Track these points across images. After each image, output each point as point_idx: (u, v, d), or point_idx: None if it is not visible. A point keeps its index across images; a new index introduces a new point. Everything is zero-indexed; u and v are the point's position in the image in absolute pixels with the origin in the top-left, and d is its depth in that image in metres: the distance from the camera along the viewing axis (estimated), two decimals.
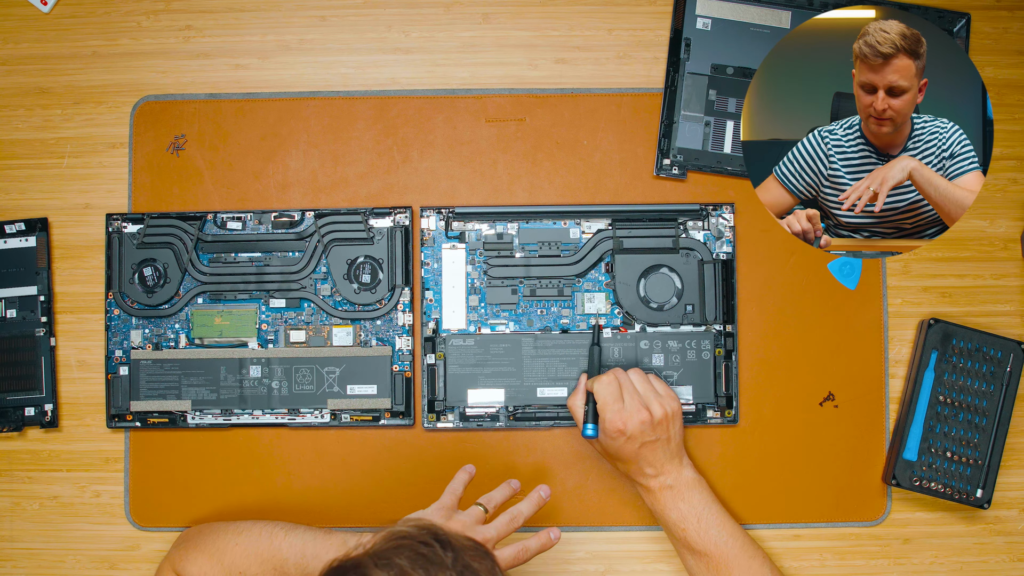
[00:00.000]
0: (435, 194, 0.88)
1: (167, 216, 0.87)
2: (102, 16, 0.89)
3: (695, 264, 0.86)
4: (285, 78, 0.89)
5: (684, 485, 0.80)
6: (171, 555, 0.79)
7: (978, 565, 0.87)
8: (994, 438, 0.83)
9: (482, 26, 0.89)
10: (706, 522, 0.79)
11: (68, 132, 0.89)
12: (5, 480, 0.88)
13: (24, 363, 0.87)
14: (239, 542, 0.77)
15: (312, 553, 0.76)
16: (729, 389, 0.86)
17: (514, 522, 0.76)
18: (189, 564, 0.77)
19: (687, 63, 0.88)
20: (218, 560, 0.77)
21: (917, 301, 0.88)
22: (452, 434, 0.87)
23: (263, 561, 0.76)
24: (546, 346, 0.86)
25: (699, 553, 0.79)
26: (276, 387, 0.86)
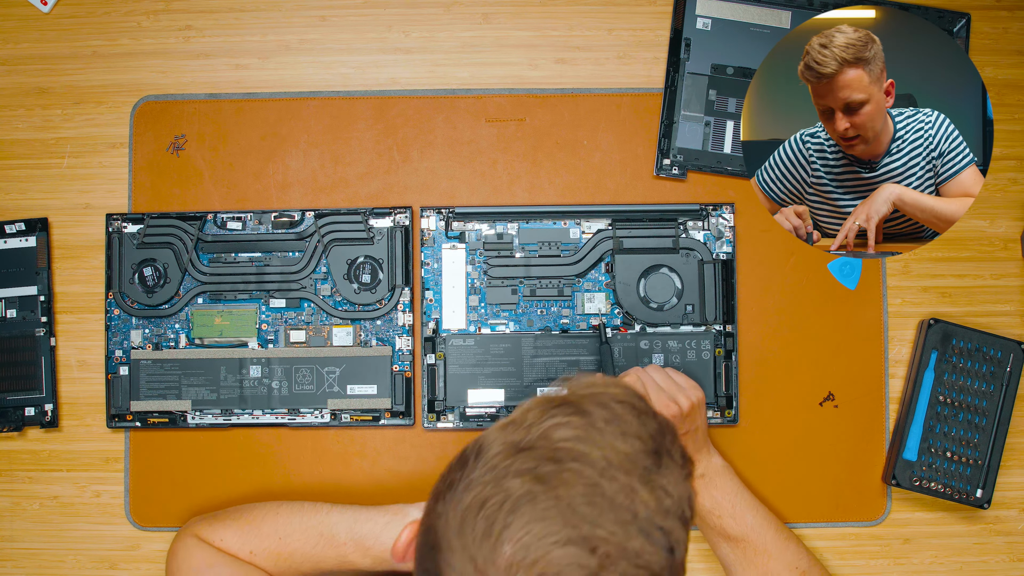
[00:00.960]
0: (435, 194, 0.88)
1: (167, 216, 0.87)
2: (102, 16, 0.89)
3: (695, 264, 0.86)
4: (285, 78, 0.89)
5: (715, 472, 0.80)
6: (192, 526, 0.78)
7: (978, 565, 0.87)
8: (994, 438, 0.83)
9: (482, 26, 0.89)
10: (740, 508, 0.78)
11: (68, 132, 0.89)
12: (5, 480, 0.88)
13: (24, 363, 0.87)
14: (280, 511, 0.77)
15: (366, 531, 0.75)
16: (729, 389, 0.86)
17: None
18: (213, 533, 0.76)
19: (687, 63, 0.88)
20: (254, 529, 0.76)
21: (917, 301, 0.88)
22: (452, 434, 0.87)
23: (307, 528, 0.75)
24: (546, 346, 0.86)
25: (735, 539, 0.78)
26: (276, 387, 0.86)
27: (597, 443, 0.52)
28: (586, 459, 0.51)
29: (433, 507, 0.54)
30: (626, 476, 0.51)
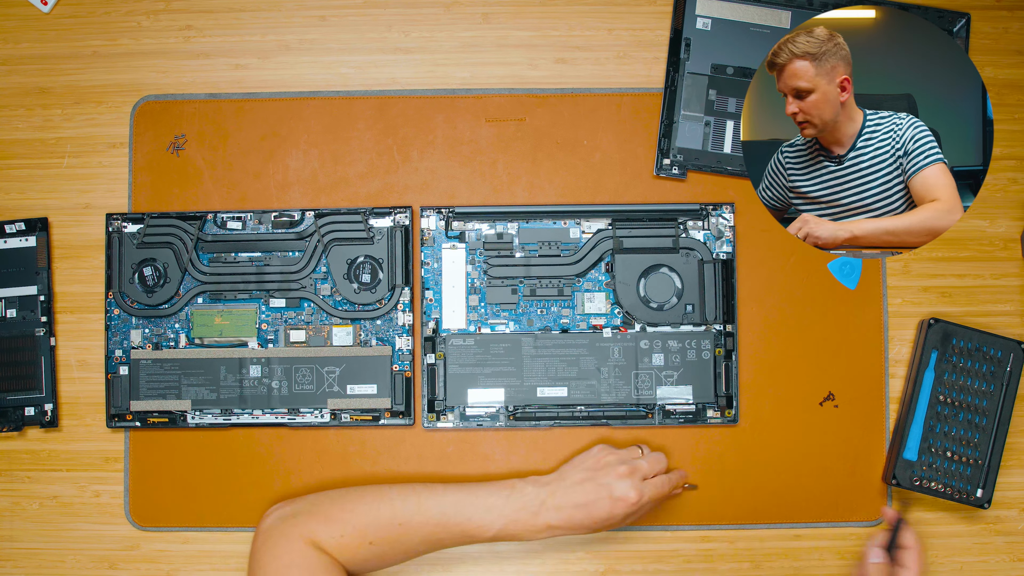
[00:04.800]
0: (435, 194, 0.88)
1: (167, 216, 0.87)
2: (102, 16, 0.89)
3: (695, 264, 0.86)
4: (285, 78, 0.89)
5: None
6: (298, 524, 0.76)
7: (978, 565, 0.87)
8: (994, 438, 0.83)
9: (482, 26, 0.89)
10: None
11: (68, 132, 0.89)
12: (5, 480, 0.88)
13: (24, 363, 0.87)
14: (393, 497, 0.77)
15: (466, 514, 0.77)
16: (729, 389, 0.86)
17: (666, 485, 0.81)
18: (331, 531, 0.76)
19: (687, 63, 0.88)
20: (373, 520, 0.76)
21: (917, 301, 0.88)
22: (452, 434, 0.87)
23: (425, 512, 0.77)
24: (546, 346, 0.86)
25: None
26: (276, 387, 0.86)
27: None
28: None
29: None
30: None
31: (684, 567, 0.86)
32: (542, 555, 0.87)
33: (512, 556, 0.87)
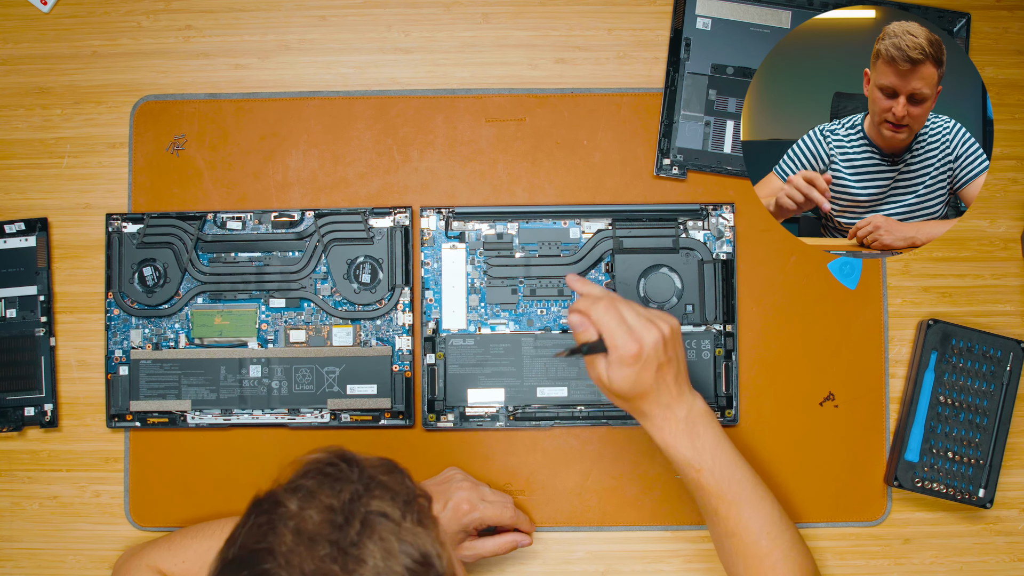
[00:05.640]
0: (435, 194, 0.88)
1: (167, 216, 0.87)
2: (102, 16, 0.89)
3: (695, 264, 0.86)
4: (285, 78, 0.89)
5: (698, 417, 0.73)
6: (143, 556, 0.80)
7: (979, 565, 0.87)
8: (995, 438, 0.83)
9: (482, 26, 0.89)
10: (720, 463, 0.73)
11: (68, 132, 0.89)
12: (5, 480, 0.88)
13: (24, 363, 0.87)
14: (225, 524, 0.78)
15: None
16: (729, 389, 0.86)
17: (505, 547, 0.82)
18: (172, 558, 0.78)
19: (687, 63, 0.88)
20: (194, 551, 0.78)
21: (917, 301, 0.88)
22: (452, 434, 0.87)
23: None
24: (546, 346, 0.86)
25: (711, 494, 0.73)
26: (276, 387, 0.86)
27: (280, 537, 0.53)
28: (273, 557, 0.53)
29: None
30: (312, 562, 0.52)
31: (684, 567, 0.86)
32: (542, 555, 0.87)
33: (512, 555, 0.86)
